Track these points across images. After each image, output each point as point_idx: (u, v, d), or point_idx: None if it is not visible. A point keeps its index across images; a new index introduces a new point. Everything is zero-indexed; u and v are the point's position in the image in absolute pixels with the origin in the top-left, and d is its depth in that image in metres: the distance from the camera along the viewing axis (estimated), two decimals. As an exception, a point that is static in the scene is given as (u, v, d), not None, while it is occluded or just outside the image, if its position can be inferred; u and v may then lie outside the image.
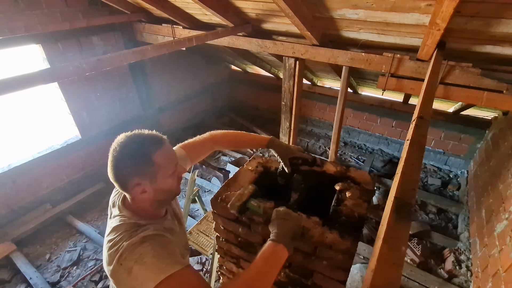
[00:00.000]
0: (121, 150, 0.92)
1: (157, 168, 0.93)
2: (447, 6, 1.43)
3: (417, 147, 1.00)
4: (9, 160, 3.19)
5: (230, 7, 2.59)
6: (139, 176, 0.93)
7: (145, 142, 0.94)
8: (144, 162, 0.92)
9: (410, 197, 0.79)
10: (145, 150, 0.93)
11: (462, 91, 2.11)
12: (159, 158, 0.93)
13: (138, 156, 0.92)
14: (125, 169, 0.92)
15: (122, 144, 0.93)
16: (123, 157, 0.92)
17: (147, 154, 0.92)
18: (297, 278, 1.27)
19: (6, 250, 2.92)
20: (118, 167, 0.92)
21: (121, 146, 0.92)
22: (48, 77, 1.68)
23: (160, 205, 1.06)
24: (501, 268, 2.15)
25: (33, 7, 2.83)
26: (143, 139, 0.95)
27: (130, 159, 0.92)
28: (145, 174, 0.93)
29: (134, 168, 0.92)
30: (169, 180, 0.99)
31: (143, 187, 0.94)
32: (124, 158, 0.92)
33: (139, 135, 0.96)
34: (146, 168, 0.92)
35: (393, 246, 0.66)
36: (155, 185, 0.95)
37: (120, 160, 0.92)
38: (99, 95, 3.75)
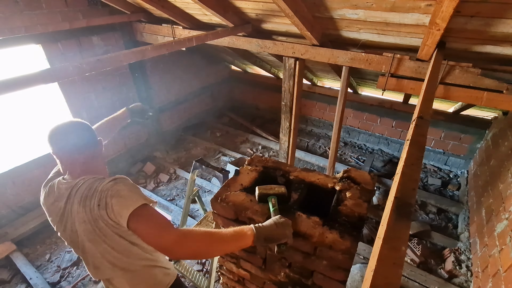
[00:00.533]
0: (76, 122, 1.23)
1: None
2: (447, 6, 1.44)
3: (417, 147, 1.00)
4: (9, 160, 3.19)
5: (230, 7, 2.59)
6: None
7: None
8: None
9: (410, 197, 0.79)
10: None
11: (462, 91, 2.11)
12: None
13: (87, 124, 1.27)
14: (91, 133, 1.25)
15: (72, 122, 1.23)
16: (82, 124, 1.23)
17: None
18: (297, 278, 1.27)
19: (6, 250, 2.92)
20: (86, 134, 1.22)
21: (73, 122, 1.23)
22: (48, 77, 1.68)
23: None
24: (501, 268, 2.15)
25: (33, 7, 2.83)
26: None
27: (87, 125, 1.26)
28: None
29: (92, 129, 1.26)
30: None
31: (102, 143, 1.29)
32: (84, 124, 1.24)
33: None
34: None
35: (393, 246, 0.66)
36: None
37: (82, 126, 1.23)
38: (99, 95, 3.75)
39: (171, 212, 3.65)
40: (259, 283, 1.46)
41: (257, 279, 1.45)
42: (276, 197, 1.18)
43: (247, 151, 4.97)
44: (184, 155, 4.89)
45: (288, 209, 1.20)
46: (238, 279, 1.56)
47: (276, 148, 4.94)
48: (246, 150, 5.00)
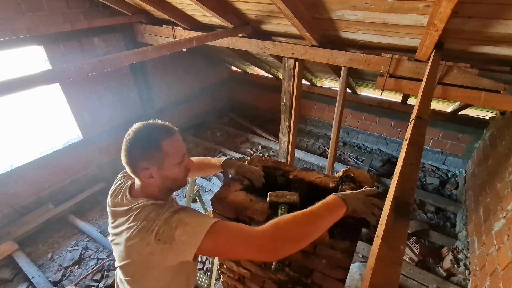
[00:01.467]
0: (134, 135, 1.00)
1: (165, 155, 0.99)
2: (445, 7, 1.45)
3: (415, 146, 1.01)
4: (11, 160, 3.20)
5: (230, 9, 2.61)
6: (147, 160, 0.99)
7: (156, 129, 1.01)
8: (152, 147, 0.98)
9: (408, 196, 0.80)
10: (154, 136, 0.99)
11: (460, 91, 2.12)
12: (167, 145, 0.99)
13: (147, 141, 0.99)
14: (136, 153, 0.99)
15: (136, 129, 1.01)
16: (134, 141, 0.99)
17: (156, 140, 0.98)
18: (297, 276, 1.28)
19: (9, 250, 2.94)
20: (130, 150, 0.99)
21: (134, 131, 1.00)
22: (49, 78, 1.69)
23: (168, 192, 1.12)
24: (499, 267, 2.17)
25: (34, 8, 2.84)
26: (154, 127, 1.02)
27: (140, 143, 0.99)
28: (153, 159, 0.99)
29: (143, 152, 0.99)
30: (176, 169, 1.04)
31: (150, 172, 1.00)
32: (135, 142, 0.99)
33: (152, 124, 1.03)
34: (154, 154, 0.99)
35: (391, 245, 0.66)
36: (162, 171, 1.01)
37: (131, 144, 0.99)
38: (100, 95, 3.77)
39: (172, 212, 3.66)
40: (259, 282, 1.47)
41: (257, 278, 1.46)
42: (287, 205, 1.15)
43: (247, 151, 4.98)
44: (184, 155, 4.90)
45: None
46: (239, 277, 1.57)
47: (276, 148, 4.95)
48: (246, 150, 5.02)
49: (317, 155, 4.83)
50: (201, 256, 3.02)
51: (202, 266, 2.94)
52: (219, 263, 1.64)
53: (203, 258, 3.01)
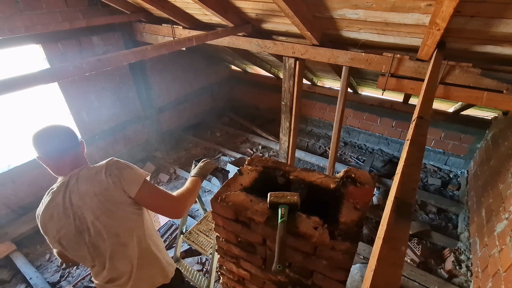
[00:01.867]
0: (56, 126, 1.30)
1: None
2: (447, 6, 1.44)
3: (417, 147, 1.00)
4: (9, 160, 3.19)
5: (230, 7, 2.59)
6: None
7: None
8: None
9: (410, 197, 0.79)
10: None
11: (462, 91, 2.11)
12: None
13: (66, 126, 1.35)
14: (73, 136, 1.33)
15: (52, 126, 1.29)
16: (64, 130, 1.31)
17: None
18: (297, 278, 1.27)
19: (6, 250, 2.93)
20: (67, 137, 1.30)
21: (53, 126, 1.29)
22: (48, 77, 1.68)
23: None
24: (501, 268, 2.15)
25: (33, 7, 2.83)
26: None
27: (68, 128, 1.33)
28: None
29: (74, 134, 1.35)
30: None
31: (83, 143, 1.39)
32: (66, 130, 1.31)
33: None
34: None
35: (393, 246, 0.66)
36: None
37: (66, 133, 1.31)
38: (99, 95, 3.75)
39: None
40: (259, 283, 1.46)
41: (257, 279, 1.45)
42: (287, 206, 1.15)
43: (247, 151, 4.97)
44: (184, 155, 4.89)
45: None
46: (238, 279, 1.56)
47: (276, 148, 4.94)
48: (246, 150, 5.00)
49: (318, 155, 4.81)
50: (200, 257, 3.00)
51: (201, 267, 2.92)
52: (219, 264, 1.62)
53: (203, 259, 3.00)
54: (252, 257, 1.35)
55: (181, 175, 4.33)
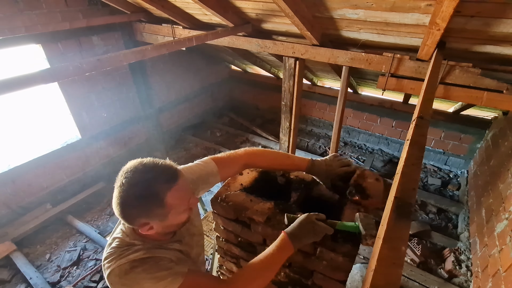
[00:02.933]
0: (129, 188, 0.82)
1: (169, 208, 0.86)
2: (447, 6, 1.43)
3: (417, 147, 1.00)
4: (9, 160, 3.19)
5: (230, 7, 2.59)
6: (147, 217, 0.86)
7: (156, 180, 0.84)
8: (154, 204, 0.84)
9: (410, 197, 0.79)
10: (155, 190, 0.83)
11: (462, 91, 2.11)
12: (172, 199, 0.85)
13: (147, 198, 0.83)
14: (133, 210, 0.84)
15: (131, 181, 0.82)
16: (130, 196, 0.82)
17: (157, 196, 0.83)
18: (297, 278, 1.27)
19: (6, 250, 2.93)
20: (125, 207, 0.83)
21: (129, 184, 0.82)
22: (48, 77, 1.68)
23: (167, 235, 1.02)
24: (501, 268, 2.15)
25: (33, 7, 2.83)
26: (154, 176, 0.84)
27: (139, 199, 0.82)
28: (154, 215, 0.86)
29: (143, 209, 0.84)
30: (181, 216, 0.93)
31: (151, 225, 0.88)
32: (132, 198, 0.82)
33: (150, 171, 0.85)
34: (157, 210, 0.85)
35: (393, 246, 0.66)
36: (164, 223, 0.90)
37: (127, 200, 0.82)
38: (99, 95, 3.75)
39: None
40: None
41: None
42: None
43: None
44: (184, 155, 4.89)
45: (288, 209, 1.20)
46: (238, 279, 1.56)
47: (276, 148, 4.94)
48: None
49: (318, 155, 4.81)
50: (200, 257, 2.99)
51: (201, 266, 2.92)
52: (219, 264, 1.62)
53: (203, 258, 3.00)
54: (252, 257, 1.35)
55: (181, 175, 4.32)
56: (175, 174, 0.88)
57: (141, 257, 0.90)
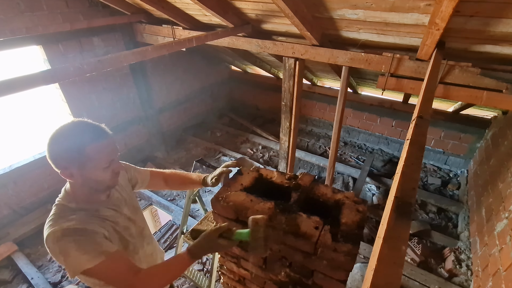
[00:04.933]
0: (60, 131, 0.97)
1: (86, 158, 0.98)
2: (446, 6, 1.44)
3: (417, 146, 1.00)
4: (10, 161, 3.20)
5: (229, 8, 2.60)
6: (67, 160, 0.98)
7: (84, 132, 0.98)
8: (74, 149, 0.96)
9: (410, 197, 0.79)
10: (80, 139, 0.97)
11: (462, 91, 2.11)
12: (92, 150, 0.98)
13: (70, 142, 0.96)
14: (57, 150, 0.97)
15: (65, 125, 0.97)
16: (58, 138, 0.96)
17: (80, 143, 0.96)
18: (298, 277, 1.27)
19: (8, 251, 2.93)
20: (51, 146, 0.96)
21: (62, 127, 0.97)
22: (48, 78, 1.69)
23: (93, 191, 1.10)
24: (502, 267, 2.16)
25: (33, 8, 2.84)
26: (83, 129, 0.99)
27: (64, 142, 0.96)
28: (73, 160, 0.98)
29: (64, 151, 0.97)
30: (100, 172, 1.03)
31: (70, 171, 0.99)
32: (59, 139, 0.96)
33: (83, 124, 1.00)
34: (75, 155, 0.97)
35: (393, 246, 0.66)
36: (82, 172, 1.00)
37: (54, 140, 0.96)
38: (100, 95, 3.76)
39: (172, 212, 3.66)
40: (260, 283, 1.46)
41: (258, 279, 1.45)
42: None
43: (247, 151, 4.97)
44: (184, 155, 4.90)
45: (289, 209, 1.20)
46: (239, 278, 1.57)
47: (276, 148, 4.94)
48: (246, 150, 5.01)
49: (318, 155, 4.82)
50: (201, 257, 3.00)
51: (202, 267, 2.92)
52: (219, 264, 1.63)
53: (204, 259, 3.00)
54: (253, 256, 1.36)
55: (181, 175, 4.33)
56: (104, 135, 1.02)
57: (74, 227, 0.99)
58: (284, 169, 3.47)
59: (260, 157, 4.81)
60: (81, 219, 1.03)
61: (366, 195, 3.95)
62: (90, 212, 1.08)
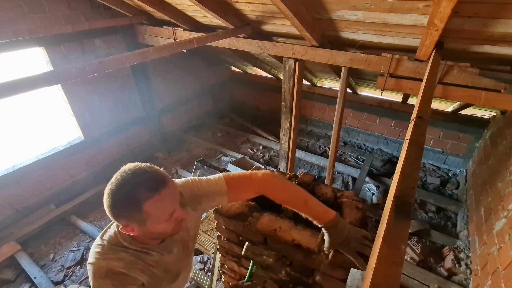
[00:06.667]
0: (116, 188, 0.89)
1: (146, 216, 0.90)
2: (445, 6, 1.44)
3: (416, 146, 1.01)
4: (13, 161, 3.21)
5: (230, 9, 2.61)
6: (127, 219, 0.92)
7: (141, 185, 0.89)
8: (133, 208, 0.89)
9: (409, 196, 0.80)
10: (137, 196, 0.88)
11: (461, 91, 2.12)
12: (150, 207, 0.89)
13: (128, 200, 0.89)
14: (116, 209, 0.91)
15: (120, 181, 0.89)
16: (116, 196, 0.89)
17: (137, 201, 0.88)
18: (298, 276, 1.29)
19: (11, 250, 2.95)
20: (111, 204, 0.90)
21: (117, 184, 0.89)
22: (51, 80, 1.70)
23: (152, 240, 1.05)
24: (500, 266, 2.17)
25: (36, 10, 2.85)
26: (140, 181, 0.90)
27: (121, 200, 0.90)
28: (133, 219, 0.92)
29: (123, 210, 0.91)
30: (161, 225, 0.95)
31: (131, 227, 0.94)
32: (117, 197, 0.89)
33: (139, 175, 0.90)
34: (135, 214, 0.90)
35: (393, 245, 0.66)
36: (143, 228, 0.94)
37: (113, 198, 0.89)
38: (102, 96, 3.78)
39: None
40: (261, 282, 1.47)
41: (259, 278, 1.46)
42: (259, 265, 1.16)
43: (248, 151, 4.99)
44: (185, 156, 4.91)
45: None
46: (240, 277, 1.58)
47: (277, 148, 4.96)
48: (247, 150, 5.02)
49: (318, 155, 4.83)
50: (202, 256, 3.02)
51: (203, 266, 2.94)
52: (220, 263, 1.64)
53: (205, 258, 3.02)
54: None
55: (183, 175, 4.35)
56: (161, 183, 0.91)
57: (119, 270, 0.96)
58: (284, 169, 3.49)
59: (261, 157, 4.83)
60: (129, 262, 0.98)
61: (365, 195, 3.97)
62: (139, 253, 1.02)
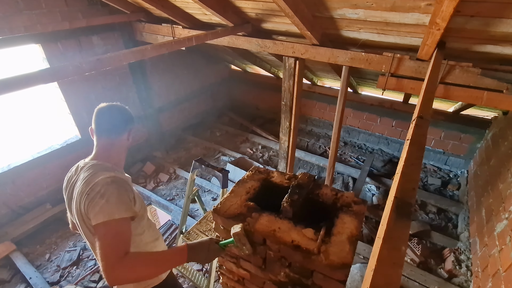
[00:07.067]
0: (112, 109, 1.31)
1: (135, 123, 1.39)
2: (447, 5, 1.43)
3: (417, 146, 1.00)
4: (9, 160, 3.19)
5: (229, 7, 2.59)
6: (131, 123, 1.36)
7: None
8: (131, 115, 1.37)
9: (410, 197, 0.79)
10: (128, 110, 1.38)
11: (462, 91, 2.11)
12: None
13: (128, 111, 1.37)
14: (124, 117, 1.33)
15: (111, 106, 1.32)
16: (119, 109, 1.32)
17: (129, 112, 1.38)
18: (297, 277, 1.27)
19: (6, 250, 2.93)
20: (117, 116, 1.32)
21: (112, 105, 1.32)
22: (47, 77, 1.69)
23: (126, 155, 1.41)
24: (501, 268, 2.15)
25: (32, 6, 2.83)
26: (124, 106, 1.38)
27: (125, 111, 1.35)
28: (133, 123, 1.37)
29: (129, 117, 1.35)
30: (138, 132, 1.41)
31: (130, 133, 1.35)
32: (121, 110, 1.33)
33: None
34: (133, 120, 1.37)
35: (393, 246, 0.66)
36: (134, 134, 1.33)
37: (118, 111, 1.32)
38: (99, 95, 3.75)
39: (171, 212, 3.65)
40: (259, 283, 1.46)
41: (257, 279, 1.44)
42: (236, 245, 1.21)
43: (247, 150, 4.97)
44: (184, 155, 4.89)
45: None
46: (238, 278, 1.56)
47: (276, 148, 4.94)
48: (246, 149, 5.00)
49: (318, 155, 4.81)
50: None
51: (201, 267, 2.92)
52: (219, 264, 1.62)
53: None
54: (252, 256, 1.35)
55: (180, 174, 4.33)
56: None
57: (120, 176, 1.22)
58: (283, 169, 3.47)
59: (260, 157, 4.81)
60: (120, 175, 1.24)
61: (366, 195, 3.95)
62: (121, 173, 1.30)
